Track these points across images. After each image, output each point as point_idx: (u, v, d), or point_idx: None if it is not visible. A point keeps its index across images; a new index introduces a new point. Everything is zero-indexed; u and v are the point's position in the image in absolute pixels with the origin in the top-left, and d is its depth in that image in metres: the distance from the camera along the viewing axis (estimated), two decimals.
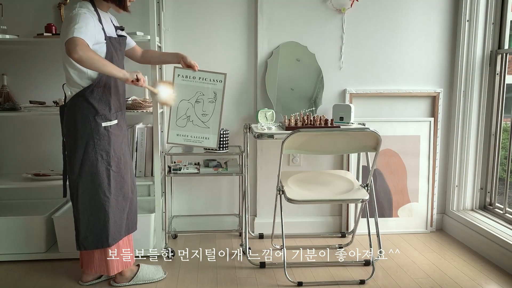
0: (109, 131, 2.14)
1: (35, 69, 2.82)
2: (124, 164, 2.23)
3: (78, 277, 2.37)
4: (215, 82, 2.45)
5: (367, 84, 3.01)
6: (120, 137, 2.23)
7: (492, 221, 2.80)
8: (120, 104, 2.24)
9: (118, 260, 2.24)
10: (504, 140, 3.19)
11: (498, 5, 2.87)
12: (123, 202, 2.24)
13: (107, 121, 2.14)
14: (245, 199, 2.76)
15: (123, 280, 2.29)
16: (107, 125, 2.14)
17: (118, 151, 2.20)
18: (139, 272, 2.33)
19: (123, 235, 2.26)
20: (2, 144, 2.87)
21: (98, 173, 2.13)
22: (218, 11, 2.89)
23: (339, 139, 2.30)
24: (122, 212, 2.24)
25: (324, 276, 2.42)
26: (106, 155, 2.13)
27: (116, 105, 2.20)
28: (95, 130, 2.10)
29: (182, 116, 2.45)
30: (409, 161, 3.04)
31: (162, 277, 2.39)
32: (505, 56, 2.87)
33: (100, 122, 2.11)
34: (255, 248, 2.81)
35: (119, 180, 2.21)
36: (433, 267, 2.55)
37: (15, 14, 2.75)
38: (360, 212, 2.80)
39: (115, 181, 2.18)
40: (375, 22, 2.95)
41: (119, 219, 2.23)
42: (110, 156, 2.15)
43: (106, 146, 2.13)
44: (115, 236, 2.21)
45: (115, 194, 2.19)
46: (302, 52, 2.93)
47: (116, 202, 2.20)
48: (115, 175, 2.18)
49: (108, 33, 2.10)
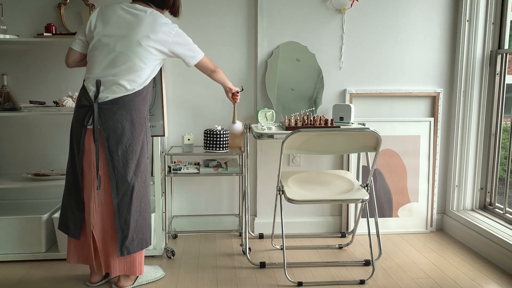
0: (149, 132, 2.23)
1: (35, 69, 2.82)
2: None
3: (78, 277, 2.37)
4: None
5: (367, 84, 3.01)
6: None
7: (492, 221, 2.80)
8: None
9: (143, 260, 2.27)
10: (504, 140, 3.19)
11: (498, 5, 2.87)
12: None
13: (149, 122, 2.23)
14: (245, 199, 2.76)
15: (128, 283, 2.26)
16: (150, 125, 2.23)
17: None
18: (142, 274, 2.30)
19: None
20: (2, 144, 2.87)
21: (148, 174, 2.19)
22: (218, 11, 2.89)
23: (339, 139, 2.30)
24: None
25: (324, 276, 2.42)
26: (149, 155, 2.20)
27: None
28: (147, 130, 2.17)
29: None
30: (409, 161, 3.04)
31: (163, 274, 2.40)
32: (505, 56, 2.87)
33: (148, 123, 2.19)
34: (255, 248, 2.81)
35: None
36: (433, 267, 2.55)
37: (15, 14, 2.75)
38: (360, 212, 2.80)
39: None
40: (375, 22, 2.95)
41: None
42: (149, 157, 2.23)
43: (149, 147, 2.22)
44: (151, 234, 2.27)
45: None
46: (302, 52, 2.93)
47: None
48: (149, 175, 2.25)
49: None
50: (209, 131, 2.69)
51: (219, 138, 2.67)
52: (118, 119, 2.05)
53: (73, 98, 2.60)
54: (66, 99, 2.56)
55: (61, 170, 2.82)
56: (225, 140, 2.70)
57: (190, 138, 2.68)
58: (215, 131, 2.67)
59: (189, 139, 2.68)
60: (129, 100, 2.07)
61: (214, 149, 2.68)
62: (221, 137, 2.68)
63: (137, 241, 2.16)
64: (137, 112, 2.09)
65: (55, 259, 2.59)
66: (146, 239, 2.20)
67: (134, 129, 2.08)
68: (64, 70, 2.81)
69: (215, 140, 2.67)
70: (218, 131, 2.67)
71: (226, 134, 2.70)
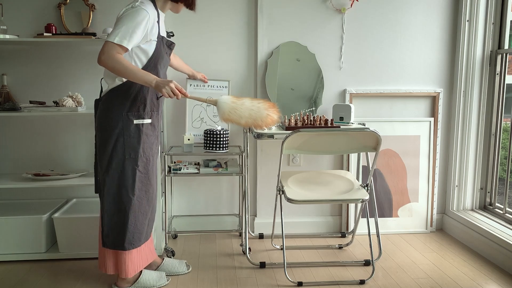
0: (140, 130, 2.11)
1: (35, 69, 2.82)
2: (151, 167, 2.20)
3: (78, 278, 2.37)
4: (221, 88, 2.84)
5: (367, 84, 3.01)
6: (152, 138, 2.20)
7: (492, 221, 2.80)
8: (158, 104, 2.20)
9: (133, 264, 2.21)
10: (504, 140, 3.19)
11: (498, 5, 2.87)
12: (146, 206, 2.20)
13: (140, 118, 2.11)
14: (245, 199, 2.76)
15: (124, 284, 2.24)
16: (140, 123, 2.11)
17: (148, 152, 2.17)
18: (141, 278, 2.26)
19: (142, 242, 2.22)
20: (2, 144, 2.87)
21: (124, 171, 2.10)
22: (218, 11, 2.89)
23: (339, 139, 2.30)
24: (145, 216, 2.20)
25: (324, 276, 2.42)
26: (134, 153, 2.11)
27: (152, 104, 2.16)
28: (126, 126, 2.08)
29: (197, 118, 2.83)
30: (409, 161, 3.04)
31: (165, 283, 2.32)
32: (505, 56, 2.87)
33: (132, 119, 2.09)
34: (255, 248, 2.81)
35: (145, 182, 2.18)
36: (433, 267, 2.55)
37: (15, 14, 2.75)
38: (360, 212, 2.80)
39: (141, 182, 2.15)
40: (375, 22, 2.95)
41: (141, 224, 2.18)
42: (139, 155, 2.12)
43: (135, 145, 2.11)
44: (133, 241, 2.16)
45: (138, 195, 2.15)
46: (302, 52, 2.93)
47: (139, 204, 2.16)
48: (142, 176, 2.15)
49: (161, 33, 2.13)
50: (209, 131, 2.69)
51: (219, 138, 2.67)
52: (97, 116, 2.13)
53: (73, 98, 2.60)
54: (66, 99, 2.56)
55: (62, 170, 2.82)
56: (225, 140, 2.70)
57: (190, 138, 2.68)
58: (215, 131, 2.67)
59: (189, 139, 2.68)
60: (105, 97, 2.10)
61: (214, 149, 2.68)
62: (221, 137, 2.68)
63: (112, 239, 2.14)
64: (111, 109, 2.07)
65: (55, 259, 2.59)
66: (122, 242, 2.14)
67: (102, 126, 2.09)
68: (64, 70, 2.81)
69: (215, 140, 2.68)
70: (218, 131, 2.67)
71: (226, 134, 2.70)
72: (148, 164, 2.18)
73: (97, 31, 2.73)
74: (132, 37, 1.96)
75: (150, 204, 2.24)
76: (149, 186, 2.20)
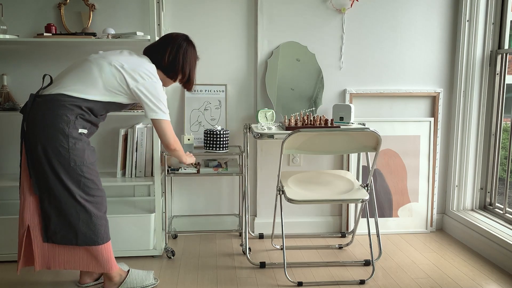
0: (82, 138, 2.05)
1: (35, 69, 2.82)
2: (97, 175, 2.12)
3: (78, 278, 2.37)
4: (219, 92, 2.90)
5: (367, 84, 3.01)
6: (90, 146, 2.12)
7: (492, 221, 2.80)
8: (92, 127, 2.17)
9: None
10: (504, 140, 3.19)
11: (498, 5, 2.87)
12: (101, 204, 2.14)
13: (83, 128, 2.06)
14: (245, 199, 2.76)
15: (111, 285, 2.22)
16: (83, 132, 2.05)
17: (91, 159, 2.09)
18: (128, 277, 2.23)
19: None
20: (2, 144, 2.87)
21: (69, 176, 2.02)
22: (218, 11, 2.89)
23: (339, 139, 2.30)
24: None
25: (324, 276, 2.42)
26: (79, 161, 2.02)
27: (89, 127, 2.13)
28: (71, 133, 2.00)
29: (194, 122, 2.90)
30: (409, 161, 3.04)
31: (153, 284, 2.29)
32: (505, 56, 2.87)
33: (78, 128, 2.03)
34: (255, 248, 2.81)
35: (93, 187, 2.09)
36: (433, 267, 2.55)
37: (15, 14, 2.75)
38: (360, 212, 2.81)
39: (87, 187, 2.06)
40: (375, 22, 2.95)
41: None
42: (83, 162, 2.03)
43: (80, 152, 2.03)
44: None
45: (86, 199, 2.07)
46: (302, 52, 2.93)
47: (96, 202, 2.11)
48: (87, 182, 2.06)
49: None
50: (209, 131, 2.69)
51: (219, 138, 2.67)
52: (39, 114, 2.05)
53: None
54: None
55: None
56: (225, 140, 2.70)
57: (190, 138, 2.68)
58: (215, 131, 2.67)
59: (189, 139, 2.68)
60: (57, 96, 2.07)
61: (214, 149, 2.68)
62: (221, 137, 2.68)
63: (62, 235, 2.06)
64: (60, 109, 2.01)
65: None
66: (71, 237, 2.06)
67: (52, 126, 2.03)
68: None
69: (215, 140, 2.68)
70: (218, 131, 2.67)
71: (226, 134, 2.70)
72: (93, 172, 2.10)
73: (97, 31, 2.73)
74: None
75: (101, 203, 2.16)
76: (100, 194, 2.13)
